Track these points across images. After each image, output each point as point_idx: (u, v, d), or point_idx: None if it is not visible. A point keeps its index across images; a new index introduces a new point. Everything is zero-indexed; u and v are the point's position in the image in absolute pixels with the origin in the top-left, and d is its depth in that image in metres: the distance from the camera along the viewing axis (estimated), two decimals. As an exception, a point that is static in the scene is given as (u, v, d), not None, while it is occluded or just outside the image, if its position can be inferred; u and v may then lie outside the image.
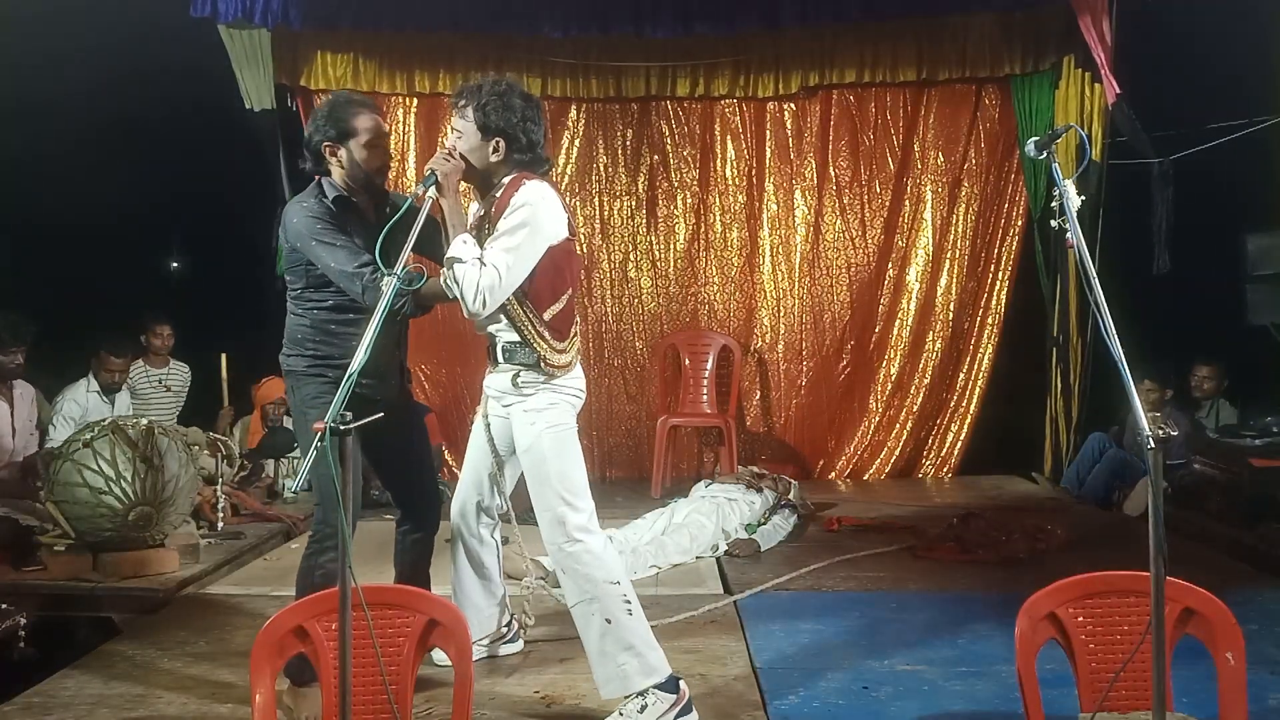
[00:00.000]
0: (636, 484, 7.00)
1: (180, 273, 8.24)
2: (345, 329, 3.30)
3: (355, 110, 3.33)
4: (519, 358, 3.19)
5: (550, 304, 3.17)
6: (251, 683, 2.49)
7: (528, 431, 3.20)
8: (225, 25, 6.51)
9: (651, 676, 3.10)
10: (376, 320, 2.50)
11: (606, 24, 6.74)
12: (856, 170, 7.39)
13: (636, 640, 3.11)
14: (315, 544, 3.33)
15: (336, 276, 3.22)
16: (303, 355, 3.35)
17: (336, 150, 3.31)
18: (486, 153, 3.15)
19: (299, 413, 3.44)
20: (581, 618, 3.15)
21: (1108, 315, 2.31)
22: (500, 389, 3.28)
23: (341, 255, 3.20)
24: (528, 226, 3.06)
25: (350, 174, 3.33)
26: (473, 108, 3.13)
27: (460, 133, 3.16)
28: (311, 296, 3.33)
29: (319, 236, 3.22)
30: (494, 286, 3.00)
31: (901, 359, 7.41)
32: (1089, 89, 6.66)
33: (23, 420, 5.47)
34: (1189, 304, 6.11)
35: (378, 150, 3.34)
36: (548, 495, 3.15)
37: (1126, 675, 2.44)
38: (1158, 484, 2.19)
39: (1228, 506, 5.38)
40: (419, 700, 3.07)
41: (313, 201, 3.31)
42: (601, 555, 3.15)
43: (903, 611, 4.27)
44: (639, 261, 7.46)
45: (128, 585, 4.53)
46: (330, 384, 3.28)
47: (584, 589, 3.12)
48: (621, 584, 3.16)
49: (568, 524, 3.12)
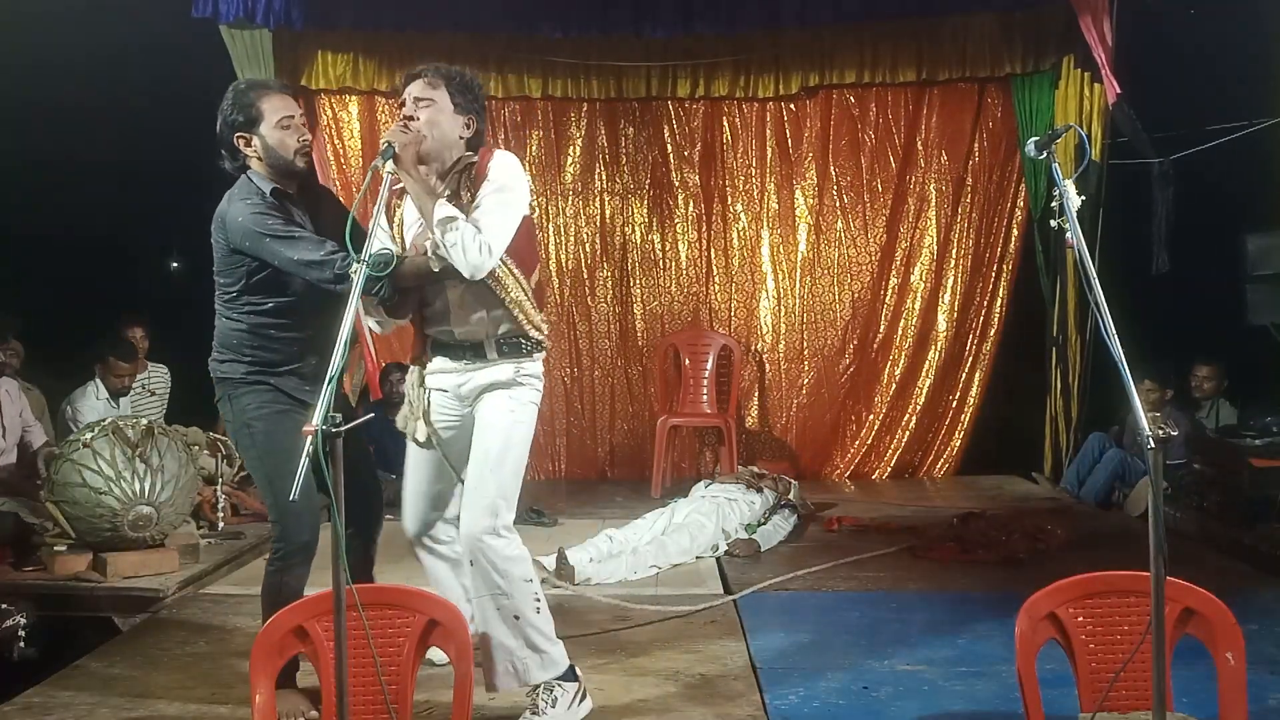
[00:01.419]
0: (636, 484, 7.00)
1: (179, 271, 8.25)
2: (285, 333, 3.19)
3: (259, 93, 3.16)
4: (517, 351, 3.14)
5: (532, 270, 3.17)
6: (252, 683, 2.49)
7: (505, 417, 3.13)
8: (226, 25, 6.51)
9: (552, 670, 3.13)
10: (351, 311, 2.39)
11: (606, 24, 6.75)
12: (857, 170, 7.38)
13: (540, 637, 3.12)
14: (279, 560, 3.21)
15: (300, 269, 3.05)
16: (239, 362, 3.21)
17: (249, 139, 3.15)
18: (458, 126, 3.12)
19: (240, 425, 3.23)
20: (487, 610, 3.09)
21: (1108, 315, 2.31)
22: (487, 383, 3.15)
23: (303, 246, 3.05)
24: (514, 187, 3.07)
25: (269, 161, 3.16)
26: (445, 82, 3.10)
27: (431, 101, 3.07)
28: (249, 300, 3.18)
29: (272, 232, 3.06)
30: (494, 241, 2.96)
31: (903, 359, 7.39)
32: (1089, 89, 6.66)
33: (11, 418, 5.45)
34: (1189, 304, 6.11)
35: (291, 130, 3.15)
36: (492, 484, 3.08)
37: (1126, 675, 2.44)
38: (1158, 484, 2.19)
39: (1228, 506, 5.38)
40: (419, 700, 3.07)
41: (255, 198, 3.13)
42: (521, 552, 3.13)
43: (903, 611, 4.27)
44: (640, 261, 7.45)
45: (127, 585, 4.51)
46: (273, 391, 3.19)
47: (497, 583, 3.07)
48: (533, 581, 3.15)
49: (499, 518, 3.07)
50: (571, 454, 7.49)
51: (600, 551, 4.85)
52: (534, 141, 7.39)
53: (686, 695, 3.43)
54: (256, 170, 3.20)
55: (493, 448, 3.11)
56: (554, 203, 7.41)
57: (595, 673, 3.52)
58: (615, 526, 5.18)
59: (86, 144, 6.47)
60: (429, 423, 3.23)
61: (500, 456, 3.10)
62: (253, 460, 3.31)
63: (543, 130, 7.39)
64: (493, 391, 3.16)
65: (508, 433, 3.13)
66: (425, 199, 2.98)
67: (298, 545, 3.19)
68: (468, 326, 3.15)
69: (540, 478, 7.32)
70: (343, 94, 7.19)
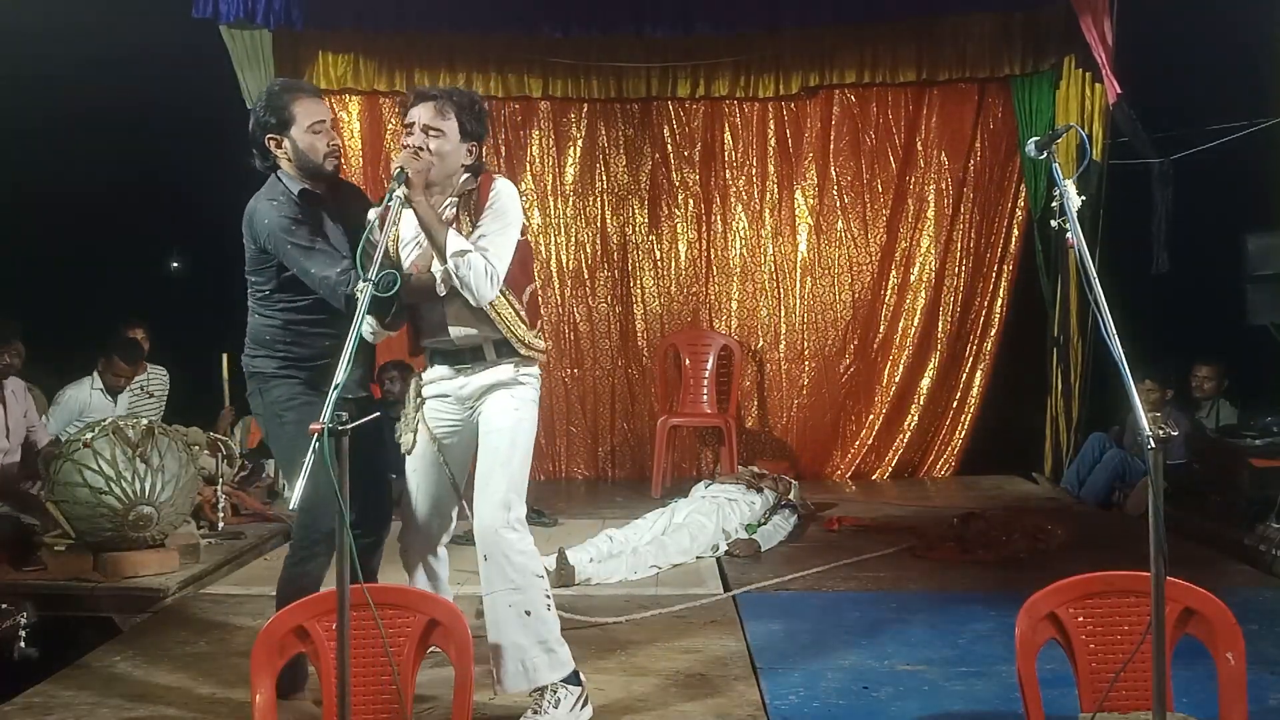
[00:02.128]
0: (637, 484, 7.01)
1: (180, 272, 8.25)
2: (316, 329, 3.22)
3: (293, 96, 3.19)
4: (514, 353, 3.20)
5: (524, 288, 3.23)
6: (252, 683, 2.49)
7: (509, 415, 3.19)
8: (226, 26, 6.51)
9: (559, 671, 3.14)
10: (356, 330, 2.41)
11: (607, 24, 6.76)
12: (858, 170, 7.39)
13: (551, 636, 3.13)
14: (301, 551, 3.24)
15: (315, 283, 3.11)
16: (272, 357, 3.25)
17: (280, 141, 3.19)
18: (461, 155, 3.17)
19: (271, 415, 3.29)
20: (499, 607, 3.11)
21: (1108, 315, 2.31)
22: (487, 384, 3.20)
23: (320, 260, 3.10)
24: (512, 216, 3.16)
25: (299, 164, 3.20)
26: (455, 111, 3.14)
27: (441, 132, 3.11)
28: (282, 298, 3.23)
29: (294, 239, 3.12)
30: (500, 273, 3.07)
31: (903, 359, 7.40)
32: (1089, 89, 6.67)
33: (16, 419, 5.45)
34: (1189, 304, 6.11)
35: (323, 135, 3.19)
36: (503, 479, 3.13)
37: (1126, 675, 2.44)
38: (1158, 484, 2.19)
39: (1228, 506, 5.38)
40: (419, 700, 3.06)
41: (281, 199, 3.18)
42: (533, 550, 3.16)
43: (903, 611, 4.27)
44: (640, 261, 7.46)
45: (128, 585, 4.52)
46: (303, 385, 3.22)
47: (510, 578, 3.09)
48: (545, 579, 3.18)
49: (512, 512, 3.12)
50: (572, 454, 7.50)
51: (600, 551, 4.86)
52: (534, 141, 7.40)
53: (686, 695, 3.43)
54: (286, 171, 3.23)
55: (501, 445, 3.17)
56: (554, 203, 7.41)
57: (595, 673, 3.52)
58: (615, 526, 5.18)
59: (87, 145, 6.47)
60: (429, 429, 3.28)
61: (509, 452, 3.17)
62: (282, 450, 3.36)
63: (543, 130, 7.39)
64: (494, 392, 3.22)
65: (514, 430, 3.19)
66: (436, 228, 3.04)
67: (322, 535, 3.18)
68: (465, 333, 3.21)
69: (540, 478, 7.31)
70: (343, 94, 7.19)
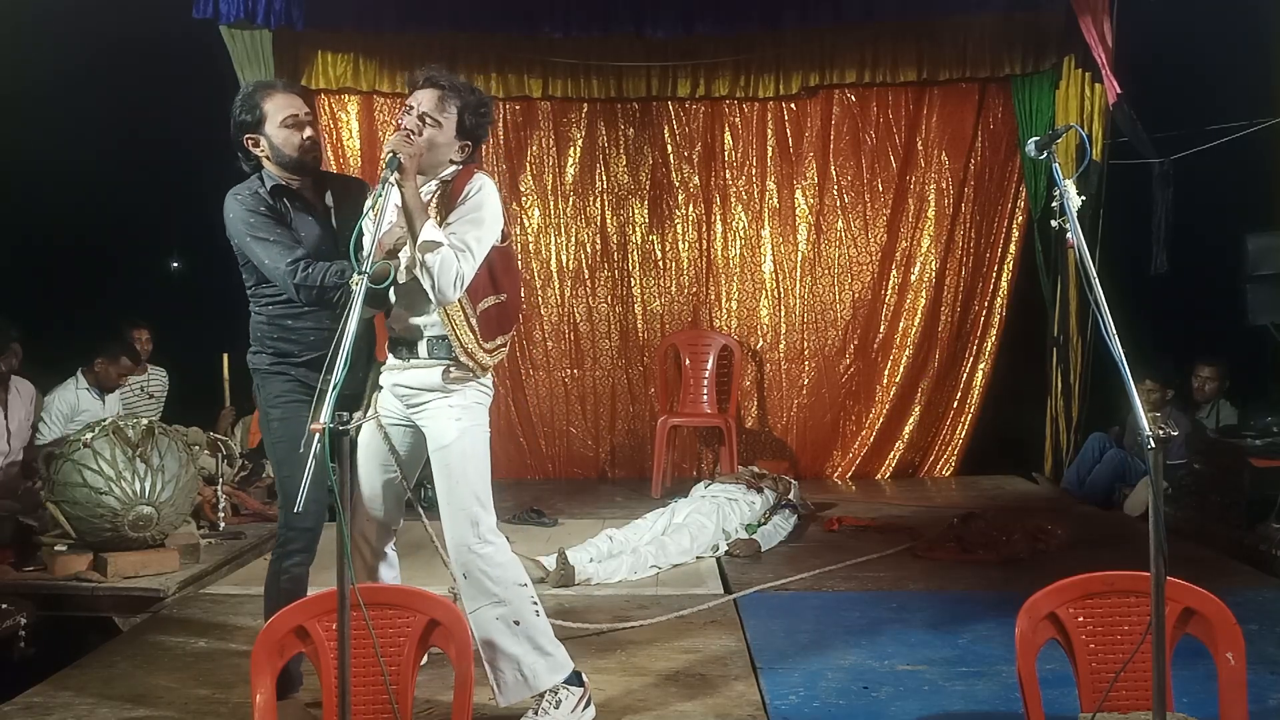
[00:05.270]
0: (637, 484, 7.01)
1: (180, 272, 8.25)
2: (300, 323, 3.21)
3: (265, 94, 3.20)
4: (447, 352, 3.07)
5: (482, 298, 3.08)
6: (252, 683, 2.49)
7: (451, 427, 3.07)
8: (226, 26, 6.51)
9: (559, 673, 3.12)
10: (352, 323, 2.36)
11: (607, 24, 6.75)
12: (858, 170, 7.39)
13: (544, 640, 3.11)
14: (279, 548, 3.25)
15: (270, 274, 3.11)
16: (263, 352, 3.26)
17: (258, 140, 3.19)
18: (452, 150, 3.09)
19: (263, 412, 3.32)
20: (487, 621, 3.05)
21: (1108, 315, 2.30)
22: (419, 385, 3.11)
23: (274, 251, 3.09)
24: (487, 216, 3.03)
25: (276, 160, 3.19)
26: (458, 106, 3.06)
27: (438, 124, 3.03)
28: (264, 292, 3.23)
29: (253, 232, 3.11)
30: (468, 273, 2.95)
31: (903, 359, 7.40)
32: (1089, 89, 6.67)
33: (19, 421, 5.46)
34: (1189, 304, 6.11)
35: (295, 128, 3.18)
36: (463, 494, 3.06)
37: (1127, 675, 2.44)
38: (1158, 484, 2.19)
39: (1228, 506, 5.37)
40: (419, 700, 3.07)
41: (245, 193, 3.18)
42: (511, 557, 3.11)
43: (903, 611, 4.27)
44: (640, 261, 7.46)
45: (128, 585, 4.52)
46: (293, 381, 3.22)
47: (493, 592, 3.05)
48: (528, 585, 3.13)
49: (481, 525, 3.06)
50: (572, 454, 7.48)
51: (600, 551, 4.86)
52: (534, 141, 7.39)
53: (686, 695, 3.44)
54: (268, 169, 3.23)
55: (451, 460, 3.07)
56: (554, 203, 7.41)
57: (595, 673, 3.52)
58: (615, 526, 5.18)
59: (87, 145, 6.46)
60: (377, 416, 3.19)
61: (461, 466, 3.07)
62: (269, 445, 3.37)
63: (543, 130, 7.39)
64: (431, 402, 3.11)
65: (460, 441, 3.08)
66: (417, 213, 2.92)
67: (299, 530, 3.20)
68: (406, 324, 3.12)
69: (540, 478, 7.33)
70: (342, 94, 7.19)
